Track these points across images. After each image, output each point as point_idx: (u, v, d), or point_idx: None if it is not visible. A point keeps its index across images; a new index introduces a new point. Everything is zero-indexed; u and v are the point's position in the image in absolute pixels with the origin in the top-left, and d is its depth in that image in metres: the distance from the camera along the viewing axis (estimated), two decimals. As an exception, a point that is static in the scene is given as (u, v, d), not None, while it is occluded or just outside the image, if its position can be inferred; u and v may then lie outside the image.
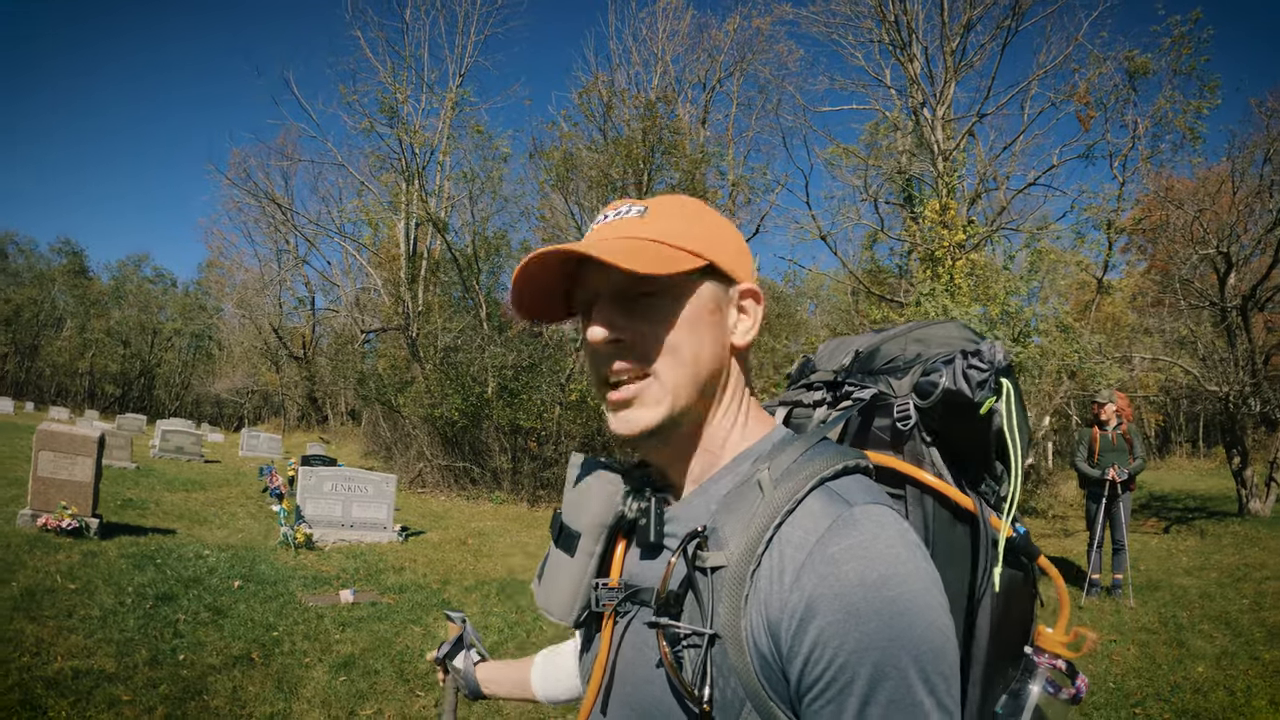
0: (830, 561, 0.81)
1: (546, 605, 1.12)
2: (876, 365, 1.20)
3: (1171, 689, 5.99)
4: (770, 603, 0.84)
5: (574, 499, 1.11)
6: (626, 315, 0.97)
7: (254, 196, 37.53)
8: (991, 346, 1.08)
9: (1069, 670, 1.08)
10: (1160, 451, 35.59)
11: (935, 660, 0.80)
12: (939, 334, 1.19)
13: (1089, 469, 8.95)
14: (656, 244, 0.96)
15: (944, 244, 15.97)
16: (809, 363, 1.33)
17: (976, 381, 1.05)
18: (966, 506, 1.05)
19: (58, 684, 4.84)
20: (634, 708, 0.96)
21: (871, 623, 0.78)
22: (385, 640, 6.51)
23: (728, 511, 0.92)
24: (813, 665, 0.80)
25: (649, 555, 1.02)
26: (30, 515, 8.77)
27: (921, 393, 1.10)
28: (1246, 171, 15.78)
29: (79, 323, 65.34)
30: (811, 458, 0.93)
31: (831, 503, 0.87)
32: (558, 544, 1.12)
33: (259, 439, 28.61)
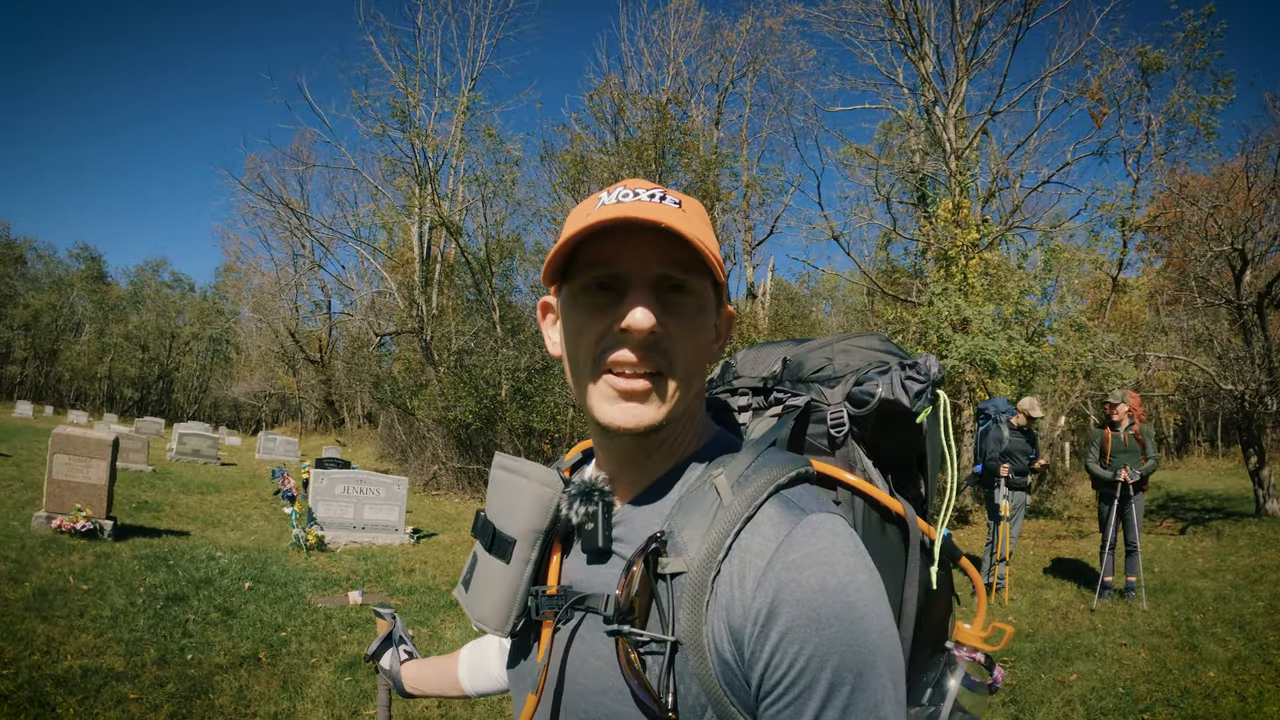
0: (792, 568, 0.83)
1: (481, 616, 1.08)
2: (805, 374, 1.21)
3: (1181, 694, 5.92)
4: (732, 609, 0.84)
5: (504, 501, 1.08)
6: (662, 307, 0.93)
7: (269, 201, 37.63)
8: (927, 359, 1.12)
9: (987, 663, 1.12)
10: (1178, 451, 35.34)
11: (889, 663, 0.82)
12: (864, 345, 1.22)
13: (1101, 470, 8.88)
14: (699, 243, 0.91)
15: (958, 243, 15.93)
16: (729, 367, 1.34)
17: (914, 392, 1.09)
18: (895, 510, 1.08)
19: (66, 682, 4.89)
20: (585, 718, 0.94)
21: (832, 627, 0.80)
22: (393, 641, 6.52)
23: (684, 516, 0.92)
24: (774, 669, 0.81)
25: (596, 560, 1.00)
26: (45, 517, 8.84)
27: (856, 401, 1.13)
28: (1261, 166, 15.62)
29: (97, 327, 65.75)
30: (765, 464, 0.94)
31: (789, 510, 0.88)
32: (490, 550, 1.08)
33: (276, 442, 28.74)
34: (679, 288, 0.94)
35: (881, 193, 20.59)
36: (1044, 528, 14.76)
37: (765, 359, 1.28)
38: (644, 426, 0.94)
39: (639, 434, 0.95)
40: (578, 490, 1.02)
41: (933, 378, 1.10)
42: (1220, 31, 15.90)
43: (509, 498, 1.07)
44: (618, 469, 1.03)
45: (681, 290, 0.94)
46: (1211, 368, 16.39)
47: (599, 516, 0.99)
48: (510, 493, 1.07)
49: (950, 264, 15.95)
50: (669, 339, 0.93)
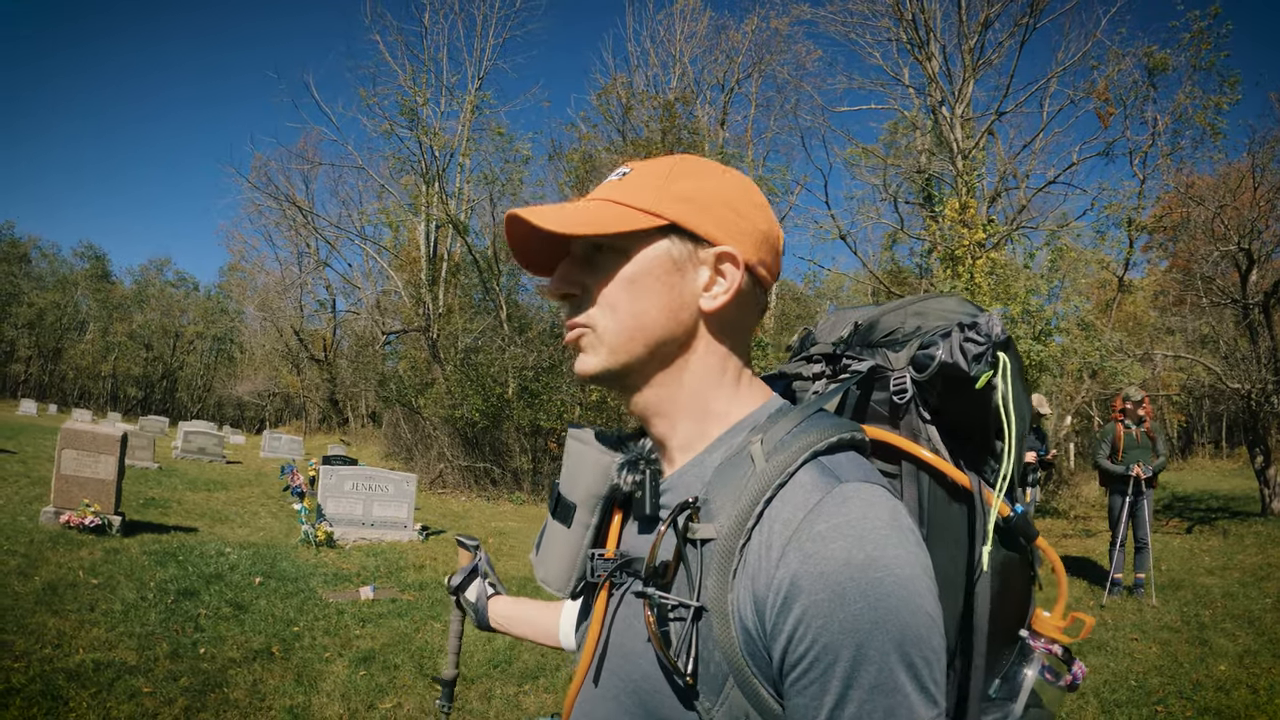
0: (817, 539, 0.80)
1: (544, 577, 1.11)
2: (875, 338, 1.16)
3: (1194, 687, 5.94)
4: (757, 578, 0.83)
5: (570, 470, 1.10)
6: (580, 270, 1.00)
7: (275, 200, 37.63)
8: (989, 319, 1.05)
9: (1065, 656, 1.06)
10: (1183, 452, 35.29)
11: (919, 645, 0.78)
12: (938, 307, 1.16)
13: (1113, 466, 8.88)
14: (615, 205, 0.97)
15: (964, 243, 15.90)
16: (809, 335, 1.30)
17: (973, 355, 1.02)
18: (963, 484, 1.02)
19: (79, 676, 4.89)
20: (624, 679, 0.95)
21: (857, 604, 0.76)
22: (405, 636, 6.54)
23: (719, 483, 0.90)
24: (796, 644, 0.79)
25: (646, 528, 1.01)
26: (53, 512, 8.84)
27: (918, 366, 1.07)
28: (1268, 167, 15.61)
29: (101, 326, 65.85)
30: (805, 430, 0.90)
31: (822, 477, 0.85)
32: (554, 515, 1.11)
33: (280, 441, 28.72)
34: (600, 248, 0.98)
35: (888, 193, 20.59)
36: (1050, 526, 14.75)
37: (841, 323, 1.24)
38: (585, 375, 1.00)
39: (595, 381, 1.01)
40: (626, 459, 1.03)
41: (995, 339, 1.03)
42: (1226, 32, 15.88)
43: (575, 465, 1.09)
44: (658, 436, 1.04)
45: (604, 249, 0.98)
46: (1218, 367, 16.37)
47: (646, 484, 0.99)
48: (575, 460, 1.09)
49: (957, 264, 15.93)
50: (584, 296, 0.99)
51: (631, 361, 0.98)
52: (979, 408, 1.06)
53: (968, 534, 1.02)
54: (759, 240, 0.99)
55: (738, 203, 0.99)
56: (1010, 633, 1.08)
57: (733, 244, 0.97)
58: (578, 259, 1.01)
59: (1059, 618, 1.08)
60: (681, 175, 0.99)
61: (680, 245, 0.97)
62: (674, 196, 0.97)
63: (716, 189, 0.99)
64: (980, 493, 1.03)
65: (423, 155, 24.32)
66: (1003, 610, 1.04)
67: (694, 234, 0.97)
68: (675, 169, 1.01)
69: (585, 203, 1.00)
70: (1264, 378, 14.85)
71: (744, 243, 0.98)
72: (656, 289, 0.96)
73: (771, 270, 1.02)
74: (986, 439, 1.10)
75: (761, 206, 1.01)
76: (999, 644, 1.06)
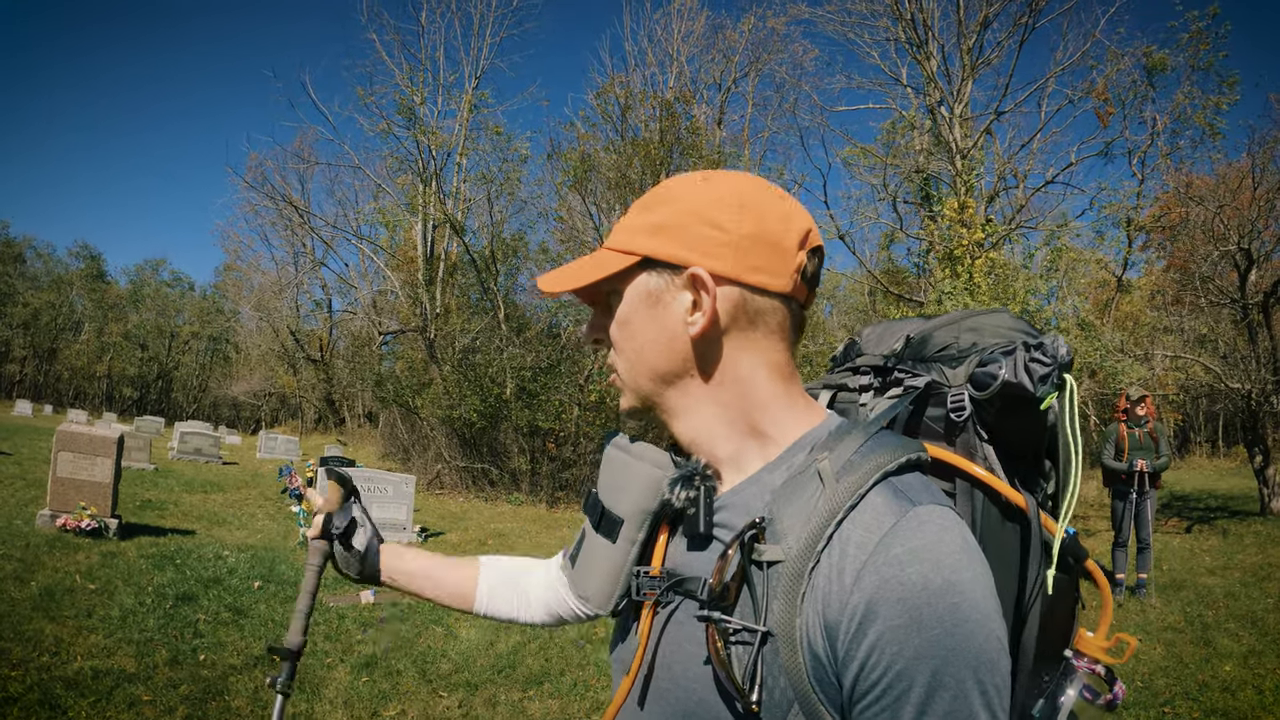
0: (894, 564, 0.79)
1: (583, 592, 1.10)
2: (928, 353, 1.14)
3: (1200, 688, 5.93)
4: (829, 603, 0.81)
5: (615, 481, 1.07)
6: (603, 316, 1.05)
7: (271, 199, 37.56)
8: (1055, 340, 1.03)
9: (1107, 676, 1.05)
10: (1180, 451, 35.36)
11: (992, 672, 0.77)
12: (992, 323, 1.14)
13: (1116, 464, 8.87)
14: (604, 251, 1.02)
15: (963, 243, 15.90)
16: (854, 345, 1.28)
17: (1039, 375, 1.00)
18: (1018, 504, 1.00)
19: (77, 684, 4.84)
20: (673, 704, 0.93)
21: (934, 630, 0.76)
22: (407, 641, 6.49)
23: (785, 503, 0.88)
24: (870, 670, 0.77)
25: (697, 546, 0.98)
26: (49, 516, 8.79)
27: (978, 384, 1.05)
28: (1267, 167, 15.67)
29: (97, 326, 65.74)
30: (873, 449, 0.89)
31: (896, 500, 0.84)
32: (598, 529, 1.07)
33: (276, 441, 28.69)
34: (611, 294, 1.02)
35: (886, 192, 20.57)
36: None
37: (890, 336, 1.22)
38: (624, 411, 1.06)
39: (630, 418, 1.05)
40: (680, 474, 0.99)
41: (1060, 360, 1.01)
42: (1225, 32, 15.93)
43: (620, 478, 1.06)
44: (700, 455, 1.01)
45: (612, 295, 1.02)
46: (1217, 367, 16.38)
47: (700, 501, 0.96)
48: (621, 473, 1.06)
49: (956, 264, 15.92)
50: (612, 343, 1.03)
51: (648, 396, 1.01)
52: (1036, 428, 1.05)
53: (1021, 555, 1.01)
54: (745, 246, 0.94)
55: (717, 213, 0.95)
56: (1055, 652, 1.06)
57: (705, 262, 0.94)
58: (601, 307, 1.06)
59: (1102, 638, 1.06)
60: (657, 203, 1.00)
61: (657, 277, 0.97)
62: (647, 229, 0.98)
63: (691, 207, 0.96)
64: (1036, 513, 1.01)
65: (420, 154, 24.30)
66: (1049, 630, 1.03)
67: (668, 263, 0.96)
68: (652, 198, 1.01)
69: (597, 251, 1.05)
70: (1263, 377, 14.88)
71: (722, 256, 0.94)
72: (644, 325, 0.98)
73: (772, 271, 0.95)
74: (1038, 459, 1.09)
75: (750, 207, 0.96)
76: (1043, 664, 1.04)
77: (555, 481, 18.84)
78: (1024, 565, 1.00)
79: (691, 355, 0.97)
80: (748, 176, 1.01)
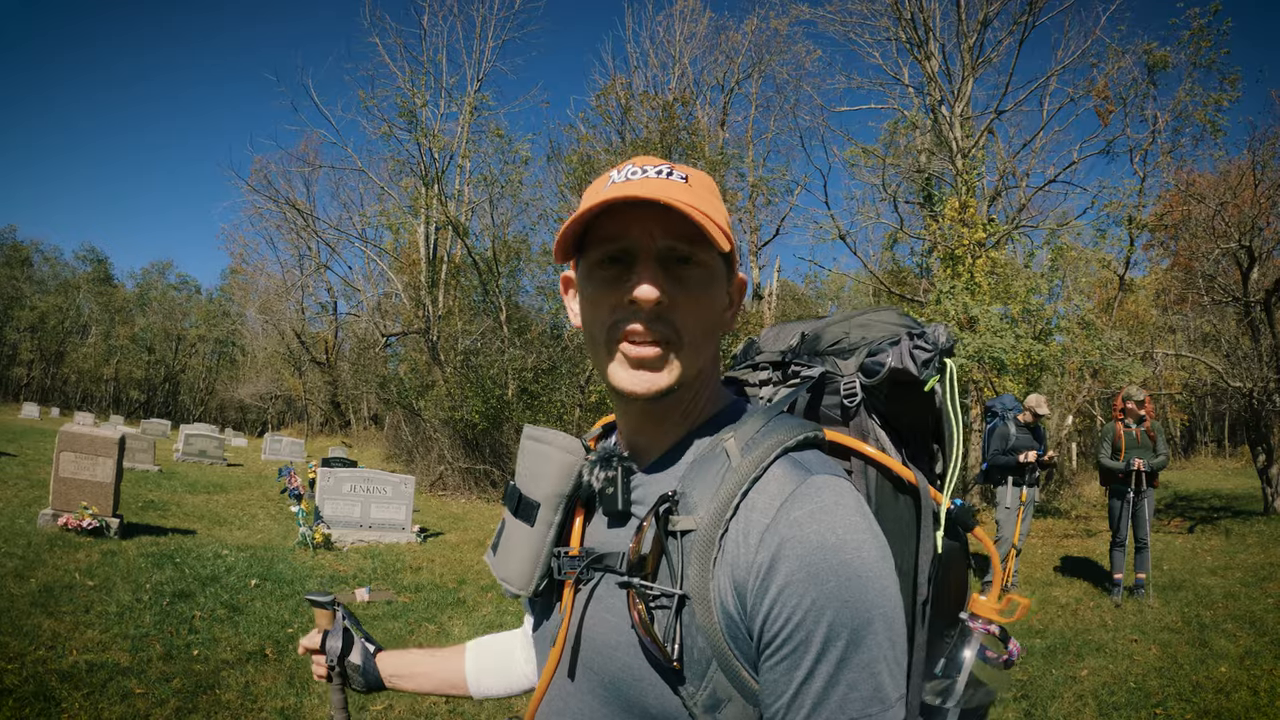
0: (793, 524, 0.86)
1: (505, 575, 1.13)
2: (822, 347, 1.23)
3: (1193, 689, 5.90)
4: (737, 564, 0.88)
5: (530, 469, 1.12)
6: (669, 279, 0.97)
7: (275, 203, 37.64)
8: (935, 328, 1.14)
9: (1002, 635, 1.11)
10: (1185, 451, 35.28)
11: (887, 623, 0.84)
12: (880, 319, 1.24)
13: (1113, 463, 8.85)
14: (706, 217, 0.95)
15: (964, 242, 15.90)
16: (753, 344, 1.36)
17: (922, 360, 1.11)
18: (908, 479, 1.09)
19: (72, 677, 4.87)
20: (600, 672, 0.99)
21: (830, 583, 0.83)
22: (399, 638, 6.51)
23: (696, 477, 0.95)
24: (773, 620, 0.84)
25: (616, 523, 1.04)
26: (51, 515, 8.84)
27: (868, 372, 1.15)
28: (1269, 164, 15.59)
29: (104, 329, 65.95)
30: (774, 429, 0.97)
31: (795, 470, 0.91)
32: (515, 514, 1.13)
33: (281, 443, 28.79)
34: (685, 260, 0.98)
35: (888, 192, 20.56)
36: (1051, 526, 14.72)
37: (785, 334, 1.31)
38: (656, 391, 0.97)
39: (652, 399, 0.98)
40: (599, 457, 1.07)
41: (940, 346, 1.12)
42: (1226, 30, 15.90)
43: (535, 465, 1.12)
44: (635, 435, 1.08)
45: (688, 263, 0.98)
46: (1220, 366, 16.34)
47: (619, 481, 1.03)
48: (536, 460, 1.12)
49: (957, 263, 15.92)
50: (675, 310, 0.97)
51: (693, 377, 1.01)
52: (924, 409, 1.17)
53: (915, 525, 1.08)
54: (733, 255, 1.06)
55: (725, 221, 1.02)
56: (951, 615, 1.13)
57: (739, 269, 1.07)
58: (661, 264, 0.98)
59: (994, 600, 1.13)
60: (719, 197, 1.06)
61: (722, 266, 1.03)
62: (726, 221, 1.02)
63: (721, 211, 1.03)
64: (924, 487, 1.09)
65: (422, 157, 24.32)
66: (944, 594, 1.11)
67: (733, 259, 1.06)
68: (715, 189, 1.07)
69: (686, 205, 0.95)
70: (1266, 376, 14.83)
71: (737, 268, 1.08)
72: (715, 305, 1.02)
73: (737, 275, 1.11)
74: (925, 439, 1.22)
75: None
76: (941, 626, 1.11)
77: (556, 483, 18.81)
78: (917, 534, 1.08)
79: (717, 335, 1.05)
80: None
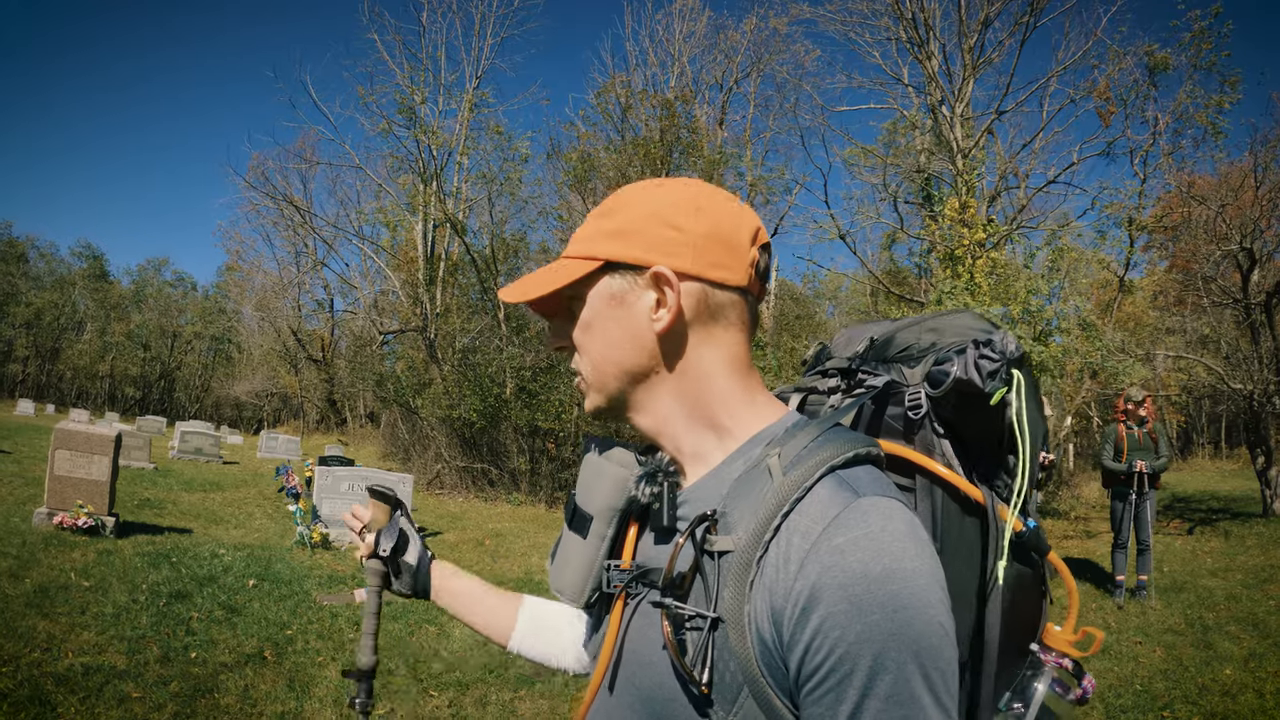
0: (836, 551, 0.81)
1: (558, 586, 1.13)
2: (890, 353, 1.19)
3: (1199, 691, 5.89)
4: (775, 590, 0.83)
5: (587, 481, 1.11)
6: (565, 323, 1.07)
7: (272, 199, 37.63)
8: (1004, 336, 1.07)
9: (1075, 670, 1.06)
10: (1182, 452, 35.33)
11: (934, 657, 0.79)
12: (954, 323, 1.18)
13: (1115, 465, 8.84)
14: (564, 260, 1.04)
15: (964, 242, 15.87)
16: (825, 350, 1.32)
17: (987, 371, 1.04)
18: (976, 499, 1.04)
19: (68, 680, 4.82)
20: (638, 688, 0.96)
21: (874, 615, 0.78)
22: (399, 640, 6.46)
23: (737, 496, 0.92)
24: (812, 654, 0.80)
25: (663, 539, 1.02)
26: (46, 513, 8.77)
27: (934, 382, 1.09)
28: (1270, 166, 15.62)
29: (99, 326, 65.88)
30: (823, 444, 0.91)
31: (841, 491, 0.86)
32: (570, 526, 1.12)
33: (277, 441, 28.68)
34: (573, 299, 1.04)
35: (887, 192, 20.56)
36: (1051, 528, 14.71)
37: (857, 339, 1.26)
38: (590, 412, 1.07)
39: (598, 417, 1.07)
40: (645, 471, 1.04)
41: (1009, 356, 1.05)
42: (1227, 32, 15.90)
43: (591, 478, 1.11)
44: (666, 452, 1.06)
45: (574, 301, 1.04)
46: (1219, 367, 16.34)
47: (664, 496, 1.00)
48: (593, 474, 1.11)
49: (957, 264, 15.90)
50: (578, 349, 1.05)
51: (615, 395, 1.03)
52: (993, 423, 1.09)
53: (981, 548, 1.05)
54: (703, 244, 0.98)
55: (675, 215, 0.99)
56: (1021, 646, 1.09)
57: (667, 261, 0.98)
58: (563, 316, 1.07)
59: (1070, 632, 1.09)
60: (615, 209, 1.03)
61: (620, 279, 1.00)
62: (606, 234, 1.01)
63: (650, 210, 1.00)
64: (994, 507, 1.05)
65: (420, 154, 24.31)
66: (1014, 624, 1.06)
67: (630, 264, 0.99)
68: (609, 205, 1.05)
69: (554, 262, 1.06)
70: (1266, 378, 14.83)
71: (682, 255, 0.98)
72: (609, 326, 1.01)
73: (730, 267, 0.99)
74: (998, 454, 1.12)
75: (705, 209, 1.00)
76: (1010, 657, 1.06)
77: (554, 481, 18.80)
78: (984, 558, 1.04)
79: (657, 351, 1.00)
80: (698, 182, 1.05)
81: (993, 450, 1.11)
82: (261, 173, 38.47)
